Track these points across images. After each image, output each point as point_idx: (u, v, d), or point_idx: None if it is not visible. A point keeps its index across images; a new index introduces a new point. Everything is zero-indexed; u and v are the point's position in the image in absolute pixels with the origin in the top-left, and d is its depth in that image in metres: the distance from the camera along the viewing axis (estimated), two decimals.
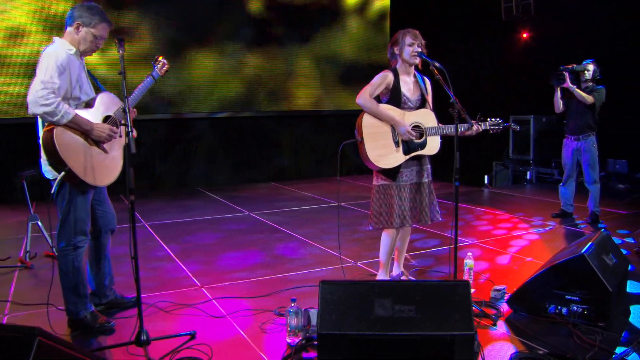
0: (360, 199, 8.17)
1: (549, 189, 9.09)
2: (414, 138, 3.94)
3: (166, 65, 3.88)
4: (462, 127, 3.99)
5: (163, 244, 5.79)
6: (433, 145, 4.06)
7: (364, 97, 3.93)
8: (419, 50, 3.94)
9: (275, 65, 10.31)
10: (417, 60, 3.98)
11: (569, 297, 3.53)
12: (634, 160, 9.95)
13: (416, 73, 4.11)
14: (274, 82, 10.36)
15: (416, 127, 3.99)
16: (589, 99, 6.10)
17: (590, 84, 6.27)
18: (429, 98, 4.13)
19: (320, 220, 6.83)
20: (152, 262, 5.15)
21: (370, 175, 4.31)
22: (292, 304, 3.26)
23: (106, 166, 3.43)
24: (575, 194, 6.65)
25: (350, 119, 11.19)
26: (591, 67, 6.24)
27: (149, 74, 3.77)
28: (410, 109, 4.03)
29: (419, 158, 4.09)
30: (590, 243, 3.65)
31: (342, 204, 7.95)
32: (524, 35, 11.45)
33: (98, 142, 3.36)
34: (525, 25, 11.35)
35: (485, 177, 9.57)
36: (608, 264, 3.66)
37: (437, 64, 3.79)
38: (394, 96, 4.00)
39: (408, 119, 3.98)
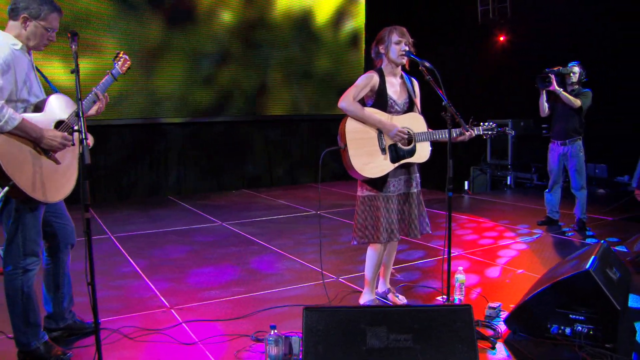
0: (338, 207, 7.84)
1: (530, 195, 8.91)
2: (405, 139, 3.62)
3: (128, 62, 3.48)
4: (453, 133, 3.70)
5: (129, 259, 5.37)
6: (423, 153, 3.75)
7: (348, 100, 3.59)
8: (407, 49, 3.63)
9: (247, 71, 9.90)
10: (405, 60, 3.67)
11: (573, 316, 3.25)
12: (613, 165, 9.86)
13: (403, 74, 3.80)
14: (246, 87, 9.95)
15: None
16: (576, 102, 5.89)
17: (577, 86, 6.07)
18: (417, 101, 3.83)
19: (297, 231, 6.47)
20: (117, 279, 4.73)
21: (349, 182, 3.99)
22: (272, 332, 2.90)
23: (58, 179, 3.02)
24: (561, 201, 6.43)
25: (325, 124, 10.89)
26: (577, 69, 6.04)
27: (107, 71, 3.37)
28: (398, 112, 3.72)
29: (408, 166, 3.78)
30: (593, 257, 3.38)
31: (319, 212, 7.62)
32: (501, 39, 11.31)
33: (49, 152, 2.95)
34: (501, 29, 11.22)
35: (466, 182, 9.33)
36: (613, 279, 3.39)
37: (427, 64, 3.48)
38: (379, 99, 3.68)
39: (395, 123, 3.66)
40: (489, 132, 3.84)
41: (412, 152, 3.71)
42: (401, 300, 3.99)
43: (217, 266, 5.09)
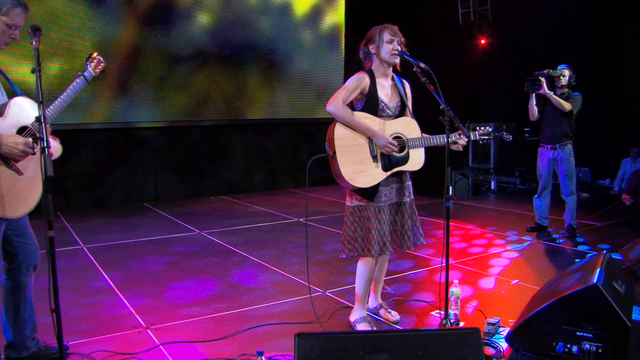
0: (321, 213, 7.60)
1: (514, 199, 8.77)
2: (395, 151, 3.39)
3: (102, 63, 3.18)
4: (444, 138, 3.48)
5: (102, 272, 5.04)
6: (417, 160, 3.52)
7: (336, 104, 3.34)
8: (399, 48, 3.40)
9: (225, 74, 9.58)
10: (397, 61, 3.43)
11: (580, 333, 3.04)
12: (596, 168, 9.81)
13: (394, 75, 3.57)
14: (224, 90, 9.63)
15: (397, 139, 3.44)
16: (566, 106, 5.73)
17: (566, 90, 5.92)
18: (410, 104, 3.60)
19: (279, 240, 6.21)
20: (89, 296, 4.41)
21: (331, 187, 3.74)
22: (259, 358, 2.64)
23: (19, 192, 2.72)
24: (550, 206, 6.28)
25: (305, 128, 10.66)
26: (567, 72, 5.89)
27: (79, 73, 3.07)
28: (389, 117, 3.48)
29: (400, 174, 3.55)
30: (599, 270, 3.17)
31: (301, 220, 7.36)
32: (482, 42, 11.20)
33: (9, 161, 2.65)
34: (483, 32, 11.11)
35: (450, 187, 9.12)
36: (620, 293, 3.19)
37: (422, 65, 3.26)
38: (369, 103, 3.44)
39: (388, 129, 3.42)
40: (486, 138, 3.64)
41: (405, 160, 3.48)
42: (394, 316, 3.75)
43: (197, 279, 4.80)
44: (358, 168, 3.36)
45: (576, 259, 5.20)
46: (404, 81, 3.61)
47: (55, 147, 2.85)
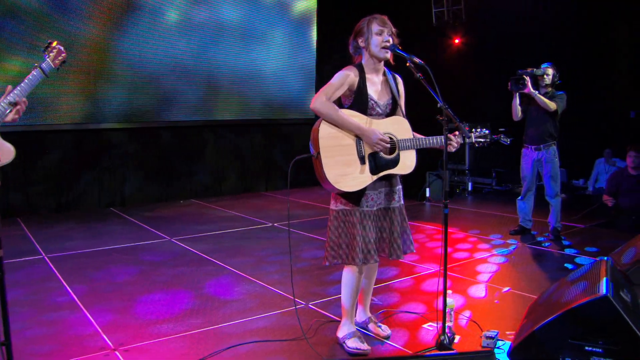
0: (297, 217, 7.32)
1: (491, 201, 8.64)
2: (387, 147, 3.13)
3: (63, 54, 2.84)
4: (438, 140, 3.25)
5: (65, 285, 4.66)
6: (408, 163, 3.27)
7: (321, 100, 3.07)
8: (390, 40, 3.15)
9: (195, 73, 9.19)
10: (388, 55, 3.17)
11: (589, 348, 2.83)
12: (570, 168, 9.76)
13: (386, 70, 3.31)
14: (193, 90, 9.24)
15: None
16: (551, 105, 5.58)
17: (550, 89, 5.77)
18: (402, 102, 3.35)
19: (255, 247, 5.90)
20: (50, 311, 4.03)
21: (305, 189, 3.46)
22: None
23: None
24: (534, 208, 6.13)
25: (277, 128, 10.32)
26: (550, 71, 5.74)
27: (36, 65, 2.73)
28: (379, 116, 3.22)
29: (389, 178, 3.29)
30: (605, 279, 2.97)
31: (275, 224, 7.07)
32: (456, 42, 11.09)
33: None
34: (457, 31, 10.99)
35: (427, 189, 8.96)
36: (628, 303, 3.00)
37: (416, 60, 3.02)
38: (358, 100, 3.17)
39: (376, 128, 3.16)
40: (482, 141, 3.42)
41: (395, 162, 3.22)
42: (384, 331, 3.49)
43: (169, 291, 4.46)
44: (344, 170, 3.10)
45: (565, 263, 5.04)
46: (397, 76, 3.36)
47: (7, 151, 2.51)
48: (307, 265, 5.10)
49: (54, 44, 2.83)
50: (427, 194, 8.94)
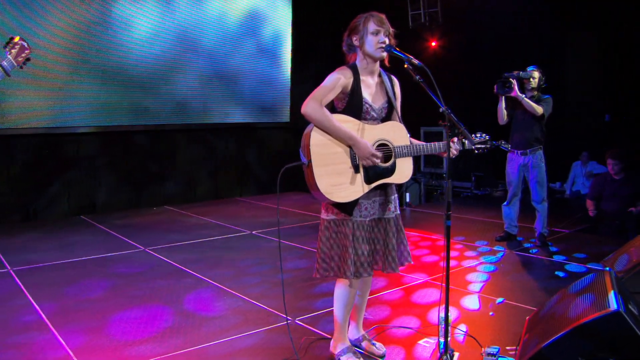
0: (273, 225, 7.07)
1: (472, 205, 8.52)
2: (379, 162, 2.94)
3: (27, 50, 2.57)
4: (437, 146, 3.08)
5: (33, 302, 4.34)
6: (404, 171, 3.08)
7: (312, 105, 2.86)
8: (386, 40, 2.96)
9: (167, 75, 8.87)
10: (385, 55, 2.98)
11: None
12: (548, 172, 9.74)
13: (382, 71, 3.12)
14: (166, 93, 8.92)
15: (382, 146, 2.99)
16: (538, 109, 5.47)
17: (536, 92, 5.66)
18: (398, 105, 3.16)
19: (234, 257, 5.65)
20: (15, 333, 3.72)
21: (291, 195, 3.25)
22: None
23: None
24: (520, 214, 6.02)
25: (252, 132, 10.05)
26: (536, 73, 5.63)
27: None
28: (374, 120, 3.03)
29: (385, 187, 3.10)
30: (613, 292, 2.84)
31: (253, 232, 6.83)
32: (433, 44, 10.99)
33: None
34: (433, 34, 10.90)
35: (407, 194, 8.81)
36: (637, 317, 2.86)
37: (414, 61, 2.84)
38: (352, 103, 2.97)
39: (369, 135, 2.96)
40: (482, 147, 3.26)
41: (391, 171, 3.03)
42: (379, 349, 3.29)
43: (145, 307, 4.19)
44: (336, 180, 2.90)
45: (555, 271, 4.93)
46: (393, 78, 3.17)
47: None
48: (290, 277, 4.87)
49: (17, 39, 2.56)
50: (407, 199, 8.79)
